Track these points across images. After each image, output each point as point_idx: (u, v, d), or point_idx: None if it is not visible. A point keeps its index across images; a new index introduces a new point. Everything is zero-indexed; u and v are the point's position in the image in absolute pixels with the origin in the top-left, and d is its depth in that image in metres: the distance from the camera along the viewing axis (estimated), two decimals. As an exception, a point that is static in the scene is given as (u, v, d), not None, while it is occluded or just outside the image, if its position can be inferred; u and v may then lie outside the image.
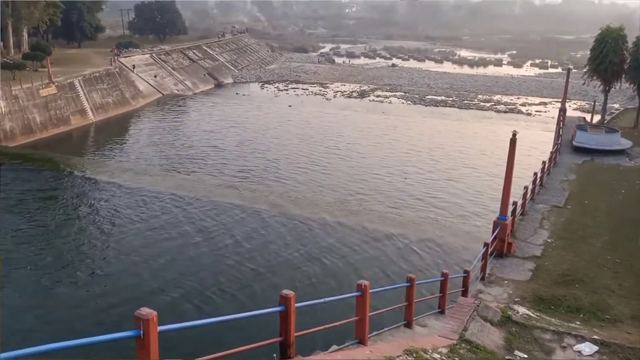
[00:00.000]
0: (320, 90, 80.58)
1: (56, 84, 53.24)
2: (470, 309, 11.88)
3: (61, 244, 24.15)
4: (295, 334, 6.65)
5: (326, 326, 7.94)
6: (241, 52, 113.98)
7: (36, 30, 78.80)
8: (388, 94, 78.56)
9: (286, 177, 37.07)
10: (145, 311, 4.21)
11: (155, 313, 4.21)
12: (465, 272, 13.68)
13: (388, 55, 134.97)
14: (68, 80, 55.36)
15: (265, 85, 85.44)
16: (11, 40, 67.67)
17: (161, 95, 70.77)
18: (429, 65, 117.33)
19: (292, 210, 29.28)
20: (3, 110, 47.69)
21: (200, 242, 24.58)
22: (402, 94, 78.32)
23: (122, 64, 70.06)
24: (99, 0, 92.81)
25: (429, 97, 75.47)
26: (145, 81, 71.24)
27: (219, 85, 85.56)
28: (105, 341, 4.14)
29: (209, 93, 78.50)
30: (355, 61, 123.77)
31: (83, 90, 56.62)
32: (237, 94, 77.17)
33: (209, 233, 25.47)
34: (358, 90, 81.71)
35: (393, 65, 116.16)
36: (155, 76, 74.71)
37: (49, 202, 29.55)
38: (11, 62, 56.46)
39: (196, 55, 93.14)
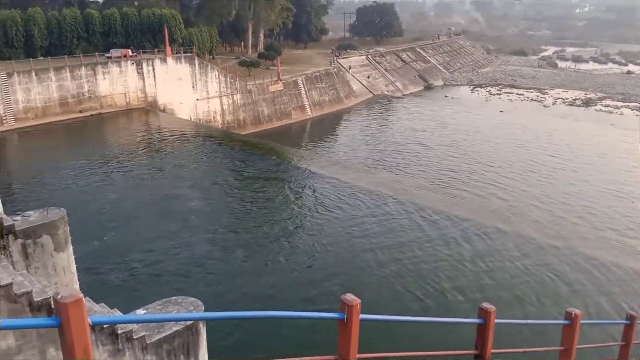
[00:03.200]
0: (538, 96, 74.75)
1: (283, 81, 59.21)
2: None
3: (273, 222, 26.84)
4: (492, 350, 6.29)
5: (526, 349, 7.35)
6: (454, 54, 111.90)
7: (270, 32, 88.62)
8: (620, 104, 69.18)
9: (491, 184, 35.41)
10: (350, 297, 4.40)
11: (359, 300, 4.37)
12: None
13: (623, 61, 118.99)
14: (293, 79, 61.08)
15: (477, 89, 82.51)
16: (250, 41, 77.29)
17: (372, 95, 73.47)
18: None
19: (492, 222, 27.75)
20: (239, 102, 54.85)
21: (390, 241, 24.75)
22: (639, 105, 68.13)
23: (340, 64, 74.55)
24: (325, 4, 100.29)
25: (675, 110, 64.29)
26: (359, 81, 74.71)
27: (429, 87, 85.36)
28: (312, 318, 4.45)
29: (418, 95, 78.91)
30: (582, 66, 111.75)
31: (304, 88, 61.89)
32: (446, 96, 76.07)
33: (402, 234, 25.54)
34: (583, 98, 73.66)
35: (629, 72, 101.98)
36: (368, 77, 77.86)
37: (268, 184, 33.09)
38: (248, 60, 64.48)
39: (409, 57, 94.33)
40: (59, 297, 2.51)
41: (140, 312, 8.70)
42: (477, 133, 50.91)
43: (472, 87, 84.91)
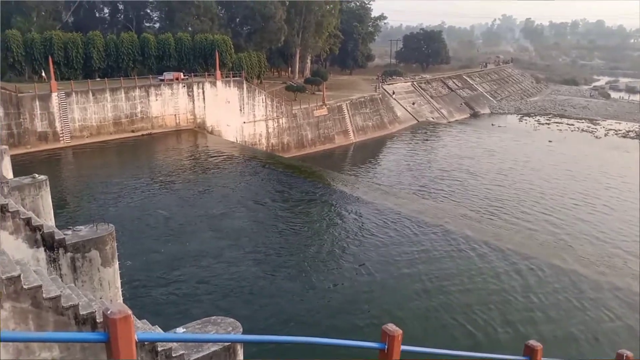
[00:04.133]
0: (589, 127, 72.49)
1: (328, 106, 59.79)
2: None
3: (317, 245, 26.82)
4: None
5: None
6: (502, 82, 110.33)
7: (317, 58, 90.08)
8: (678, 137, 66.22)
9: (541, 215, 34.36)
10: (392, 327, 4.31)
11: (400, 331, 4.27)
12: None
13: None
14: (337, 104, 61.61)
15: (525, 118, 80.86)
16: (297, 66, 78.72)
17: (417, 121, 73.10)
18: None
19: (543, 255, 26.75)
20: (284, 126, 55.67)
21: (436, 270, 24.26)
22: (699, 138, 65.08)
23: (385, 90, 74.75)
24: (373, 31, 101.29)
25: None
26: (404, 107, 74.58)
27: (475, 115, 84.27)
28: (352, 346, 4.35)
29: (463, 122, 77.96)
30: (636, 97, 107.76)
31: (348, 113, 62.27)
32: (492, 124, 74.81)
33: (448, 263, 24.96)
34: (636, 130, 70.90)
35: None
36: (413, 103, 77.62)
37: (311, 207, 33.18)
38: (295, 85, 65.55)
39: (455, 84, 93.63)
40: (109, 312, 2.56)
41: (180, 331, 8.80)
42: (525, 162, 49.73)
43: (520, 115, 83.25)
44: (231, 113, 51.76)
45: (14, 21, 56.98)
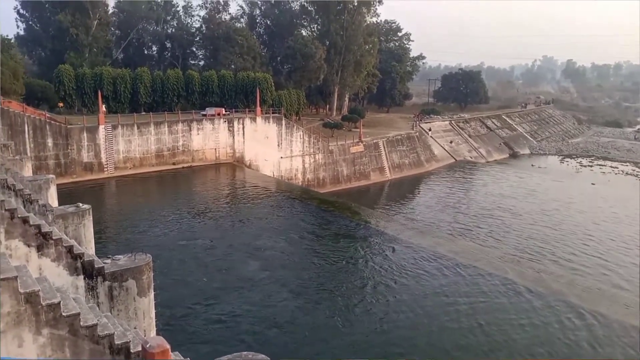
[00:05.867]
0: (634, 170, 70.18)
1: (364, 143, 60.05)
2: None
3: (352, 282, 26.49)
4: None
5: None
6: (543, 123, 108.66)
7: (355, 95, 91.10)
8: None
9: (583, 260, 33.05)
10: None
11: None
12: None
13: None
14: (374, 141, 61.81)
15: (566, 159, 79.03)
16: (335, 104, 79.76)
17: (454, 160, 72.40)
18: None
19: (583, 303, 25.53)
20: (320, 161, 56.10)
21: (478, 315, 23.34)
22: None
23: (422, 128, 74.63)
24: (411, 70, 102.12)
25: None
26: (441, 146, 74.12)
27: (514, 156, 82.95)
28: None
29: (502, 162, 76.77)
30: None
31: (385, 151, 62.31)
32: (532, 165, 73.37)
33: (478, 307, 24.05)
34: (686, 174, 68.19)
35: None
36: (450, 142, 77.11)
37: (346, 242, 32.93)
38: (332, 122, 66.29)
39: (494, 124, 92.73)
40: (148, 346, 2.60)
41: (211, 365, 8.75)
42: (569, 204, 48.32)
43: (561, 157, 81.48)
44: (269, 148, 52.60)
45: (67, 56, 60.17)
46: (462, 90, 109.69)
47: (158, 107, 55.51)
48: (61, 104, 53.35)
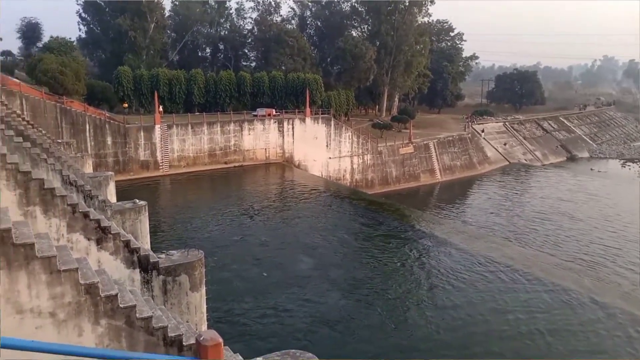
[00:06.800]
0: None
1: (414, 144, 59.24)
2: None
3: (403, 284, 26.06)
4: None
5: None
6: (603, 125, 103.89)
7: (405, 96, 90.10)
8: None
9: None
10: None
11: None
12: None
13: None
14: (424, 142, 60.87)
15: (628, 164, 75.25)
16: (384, 104, 79.13)
17: (508, 162, 70.31)
18: None
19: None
20: (369, 162, 55.77)
21: (538, 325, 22.40)
22: None
23: (475, 130, 72.89)
24: (464, 71, 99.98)
25: None
26: (494, 148, 72.15)
27: (572, 159, 79.71)
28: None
29: (559, 165, 73.90)
30: None
31: (435, 152, 61.23)
32: (592, 169, 70.23)
33: (538, 316, 23.12)
34: None
35: None
36: (504, 144, 74.92)
37: (396, 244, 32.56)
38: (381, 122, 65.78)
39: (551, 126, 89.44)
40: (201, 339, 2.59)
41: (260, 361, 8.78)
42: (632, 210, 45.85)
43: (622, 161, 77.65)
44: (318, 148, 52.75)
45: (125, 58, 62.54)
46: (517, 91, 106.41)
47: (211, 107, 56.80)
48: (125, 105, 55.45)
